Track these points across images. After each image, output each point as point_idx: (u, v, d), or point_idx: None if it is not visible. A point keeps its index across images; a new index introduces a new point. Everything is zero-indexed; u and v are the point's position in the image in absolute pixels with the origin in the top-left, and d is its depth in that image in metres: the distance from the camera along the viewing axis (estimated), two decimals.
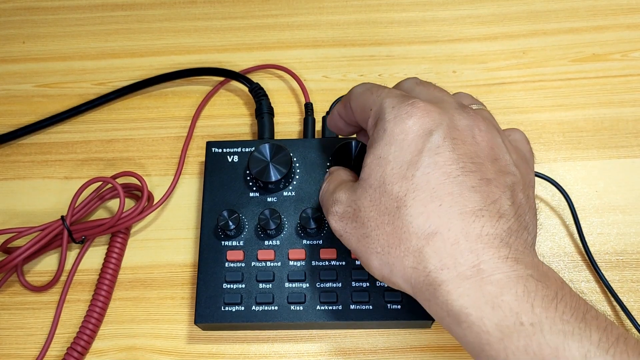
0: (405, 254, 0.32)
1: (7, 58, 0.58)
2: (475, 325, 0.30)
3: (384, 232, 0.33)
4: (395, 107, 0.34)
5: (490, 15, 0.57)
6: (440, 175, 0.32)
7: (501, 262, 0.30)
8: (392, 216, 0.33)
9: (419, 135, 0.33)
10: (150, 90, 0.56)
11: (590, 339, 0.28)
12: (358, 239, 0.35)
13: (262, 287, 0.43)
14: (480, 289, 0.30)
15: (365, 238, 0.34)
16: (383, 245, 0.33)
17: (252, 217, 0.45)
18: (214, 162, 0.47)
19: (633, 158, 0.50)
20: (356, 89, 0.39)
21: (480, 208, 0.32)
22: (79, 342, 0.45)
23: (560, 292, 0.30)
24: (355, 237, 0.35)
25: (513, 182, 0.34)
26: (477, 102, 0.39)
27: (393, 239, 0.33)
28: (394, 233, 0.33)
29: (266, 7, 0.59)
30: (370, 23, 0.57)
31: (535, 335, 0.28)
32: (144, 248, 0.49)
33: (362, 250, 0.35)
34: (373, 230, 0.34)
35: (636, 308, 0.45)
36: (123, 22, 0.59)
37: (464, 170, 0.33)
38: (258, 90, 0.52)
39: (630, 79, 0.53)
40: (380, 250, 0.33)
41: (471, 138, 0.34)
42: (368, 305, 0.43)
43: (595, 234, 0.48)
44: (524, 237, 0.33)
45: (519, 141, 0.38)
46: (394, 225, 0.33)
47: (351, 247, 0.36)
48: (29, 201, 0.51)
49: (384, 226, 0.33)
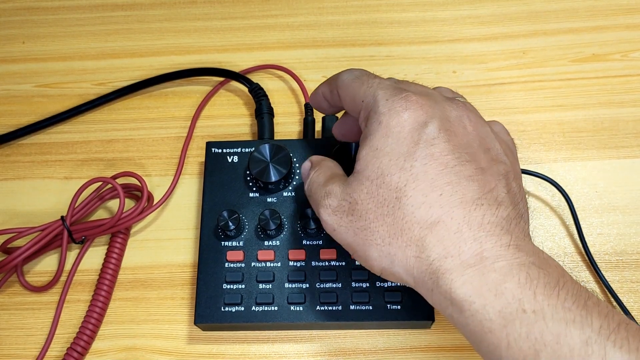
0: (407, 243, 0.32)
1: (7, 58, 0.58)
2: (479, 313, 0.30)
3: (384, 223, 0.33)
4: (390, 100, 0.34)
5: (490, 15, 0.57)
6: (438, 166, 0.33)
7: (504, 250, 0.31)
8: (392, 207, 0.33)
9: (415, 127, 0.33)
10: (150, 90, 0.56)
11: (591, 325, 0.28)
12: (355, 232, 0.35)
13: (262, 287, 0.43)
14: (484, 276, 0.30)
15: (363, 231, 0.34)
16: (383, 237, 0.33)
17: (252, 218, 0.45)
18: (214, 162, 0.47)
19: (633, 158, 0.50)
20: (344, 76, 0.38)
21: (479, 197, 0.32)
22: (79, 342, 0.45)
23: (561, 279, 0.30)
24: (351, 230, 0.35)
25: (506, 171, 0.34)
26: (459, 95, 0.40)
27: (394, 230, 0.33)
28: (394, 224, 0.33)
29: (266, 7, 0.59)
30: (370, 23, 0.57)
31: (538, 323, 0.28)
32: (144, 248, 0.49)
33: (359, 244, 0.34)
34: (372, 222, 0.34)
35: (636, 308, 0.45)
36: (123, 22, 0.59)
37: (460, 160, 0.33)
38: (258, 90, 0.52)
39: (630, 79, 0.53)
40: (380, 242, 0.33)
41: (463, 129, 0.34)
42: (368, 306, 0.43)
43: (595, 234, 0.48)
44: (522, 225, 0.33)
45: (501, 132, 0.39)
46: (395, 215, 0.33)
47: (346, 241, 0.35)
48: (29, 201, 0.51)
49: (383, 217, 0.33)
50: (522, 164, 0.50)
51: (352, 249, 0.35)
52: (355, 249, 0.35)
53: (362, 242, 0.34)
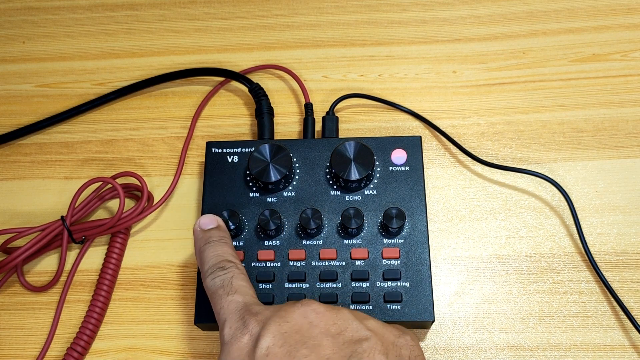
0: None
1: (7, 58, 0.58)
2: None
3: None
4: (232, 328, 0.35)
5: (490, 15, 0.57)
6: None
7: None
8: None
9: (250, 348, 0.34)
10: (150, 90, 0.56)
11: None
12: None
13: (262, 287, 0.43)
14: None
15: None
16: None
17: (252, 218, 0.45)
18: (214, 162, 0.47)
19: (633, 158, 0.50)
20: (207, 282, 0.39)
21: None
22: (79, 342, 0.45)
23: None
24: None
25: (368, 347, 0.34)
26: None
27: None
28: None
29: (266, 7, 0.59)
30: (370, 23, 0.57)
31: None
32: (144, 248, 0.49)
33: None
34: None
35: (636, 308, 0.45)
36: (123, 22, 0.59)
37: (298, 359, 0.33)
38: (258, 90, 0.52)
39: (630, 79, 0.53)
40: None
41: (306, 324, 0.34)
42: (368, 306, 0.43)
43: (595, 234, 0.48)
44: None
45: (404, 347, 0.36)
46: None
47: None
48: (29, 201, 0.51)
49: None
50: (522, 164, 0.50)
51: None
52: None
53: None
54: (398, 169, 0.46)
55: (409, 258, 0.44)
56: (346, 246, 0.44)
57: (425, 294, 0.43)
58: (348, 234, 0.44)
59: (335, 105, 0.51)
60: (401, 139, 0.47)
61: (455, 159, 0.51)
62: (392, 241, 0.44)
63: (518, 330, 0.45)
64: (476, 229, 0.48)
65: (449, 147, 0.51)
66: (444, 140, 0.52)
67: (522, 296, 0.46)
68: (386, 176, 0.46)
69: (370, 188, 0.46)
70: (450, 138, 0.51)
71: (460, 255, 0.48)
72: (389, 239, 0.44)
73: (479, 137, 0.52)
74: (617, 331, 0.45)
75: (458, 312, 0.46)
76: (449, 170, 0.51)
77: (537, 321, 0.45)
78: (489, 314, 0.46)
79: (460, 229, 0.48)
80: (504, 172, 0.50)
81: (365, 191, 0.46)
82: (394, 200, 0.45)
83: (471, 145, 0.51)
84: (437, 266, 0.47)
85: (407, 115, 0.53)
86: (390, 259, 0.44)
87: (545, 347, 0.44)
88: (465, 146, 0.50)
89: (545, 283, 0.46)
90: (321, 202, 0.46)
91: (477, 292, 0.46)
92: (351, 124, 0.53)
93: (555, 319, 0.45)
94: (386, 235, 0.44)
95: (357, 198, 0.46)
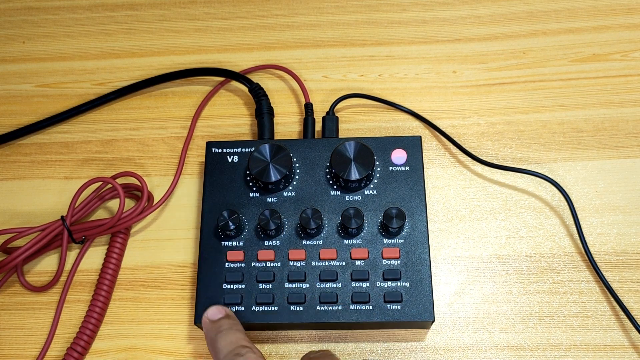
0: None
1: (7, 58, 0.58)
2: None
3: None
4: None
5: (490, 15, 0.57)
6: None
7: None
8: None
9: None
10: (150, 90, 0.56)
11: None
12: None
13: (262, 287, 0.43)
14: None
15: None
16: None
17: (252, 218, 0.45)
18: (214, 162, 0.47)
19: (633, 158, 0.50)
20: (208, 333, 0.40)
21: None
22: (79, 342, 0.45)
23: None
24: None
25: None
26: None
27: None
28: None
29: (266, 7, 0.59)
30: (370, 23, 0.57)
31: None
32: (144, 248, 0.49)
33: None
34: None
35: (636, 308, 0.45)
36: (123, 22, 0.59)
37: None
38: (258, 90, 0.52)
39: (630, 79, 0.53)
40: None
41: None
42: (368, 306, 0.43)
43: (595, 234, 0.48)
44: None
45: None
46: None
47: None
48: (29, 201, 0.51)
49: None
50: (522, 164, 0.50)
51: None
52: None
53: None
54: (398, 169, 0.46)
55: (409, 258, 0.44)
56: (346, 246, 0.44)
57: (425, 294, 0.43)
58: (348, 234, 0.44)
59: (335, 105, 0.52)
60: (401, 139, 0.48)
61: (455, 159, 0.51)
62: (392, 241, 0.44)
63: (518, 330, 0.45)
64: (476, 229, 0.48)
65: (449, 147, 0.51)
66: (444, 140, 0.52)
67: (522, 296, 0.46)
68: (386, 176, 0.46)
69: (370, 188, 0.46)
70: (450, 138, 0.51)
71: (460, 255, 0.48)
72: (389, 239, 0.44)
73: (479, 137, 0.52)
74: (617, 331, 0.45)
75: (458, 312, 0.46)
76: (449, 170, 0.51)
77: (537, 321, 0.45)
78: (489, 314, 0.46)
79: (460, 229, 0.48)
80: (504, 172, 0.50)
81: (365, 191, 0.46)
82: (394, 200, 0.45)
83: (471, 145, 0.51)
84: (437, 266, 0.47)
85: (407, 115, 0.53)
86: (390, 259, 0.44)
87: (545, 347, 0.45)
88: (465, 146, 0.50)
89: (545, 283, 0.46)
90: (321, 202, 0.46)
91: (477, 292, 0.46)
92: (351, 124, 0.53)
93: (555, 319, 0.45)
94: (386, 235, 0.44)
95: (357, 198, 0.46)
